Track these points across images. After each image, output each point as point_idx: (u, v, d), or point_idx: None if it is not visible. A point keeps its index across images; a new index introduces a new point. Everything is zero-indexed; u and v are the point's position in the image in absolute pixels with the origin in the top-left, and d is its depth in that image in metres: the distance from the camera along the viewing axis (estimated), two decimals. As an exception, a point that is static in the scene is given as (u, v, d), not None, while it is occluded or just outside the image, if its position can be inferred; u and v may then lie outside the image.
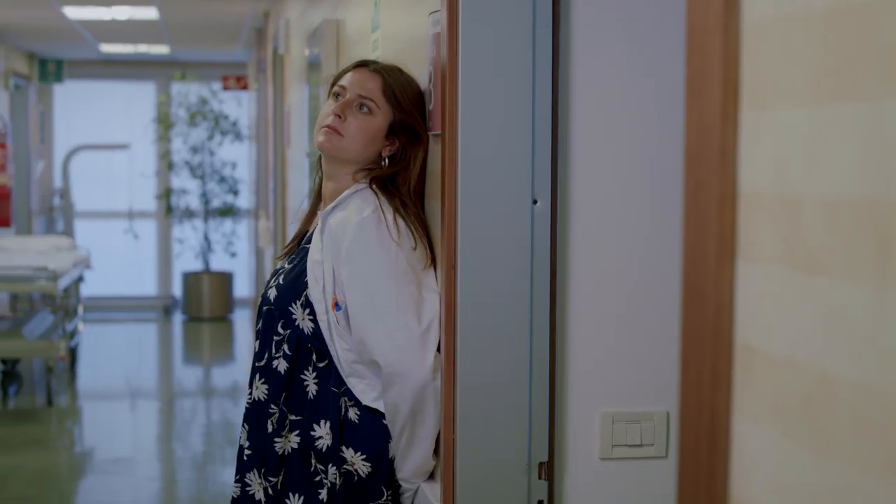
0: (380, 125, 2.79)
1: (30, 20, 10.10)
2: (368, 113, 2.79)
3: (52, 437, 8.10)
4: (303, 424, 2.78)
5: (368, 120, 2.79)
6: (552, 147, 2.53)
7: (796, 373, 1.16)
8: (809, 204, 1.14)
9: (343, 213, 2.73)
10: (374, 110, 2.79)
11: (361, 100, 2.79)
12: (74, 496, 6.72)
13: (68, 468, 7.27)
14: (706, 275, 1.29)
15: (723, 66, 1.26)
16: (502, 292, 2.54)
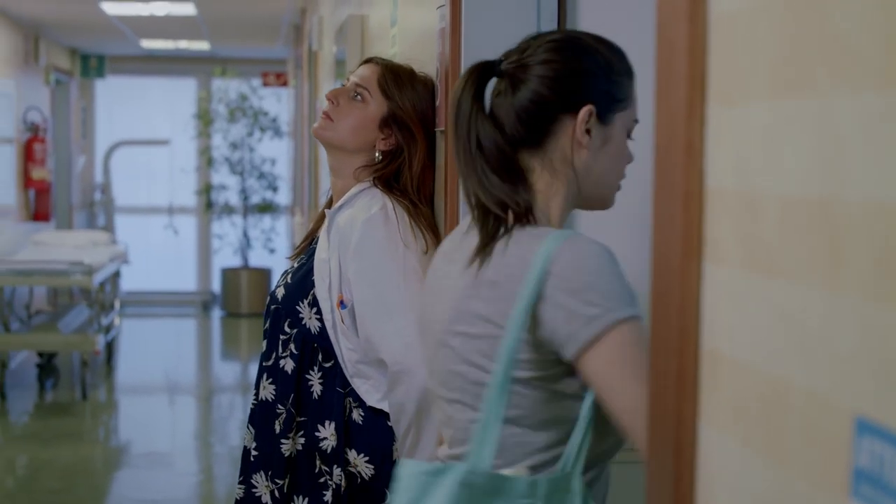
0: (371, 114, 2.77)
1: (70, 16, 10.16)
2: (361, 101, 2.78)
3: (86, 430, 8.13)
4: (307, 425, 2.75)
5: (359, 107, 2.78)
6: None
7: (755, 379, 1.11)
8: (767, 203, 1.09)
9: (350, 211, 2.71)
10: (366, 98, 2.78)
11: (356, 88, 2.79)
12: (108, 490, 6.74)
13: (102, 462, 7.29)
14: (672, 276, 1.25)
15: (689, 59, 1.21)
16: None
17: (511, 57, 1.84)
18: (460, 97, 1.81)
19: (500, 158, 1.80)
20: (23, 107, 10.05)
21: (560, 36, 1.88)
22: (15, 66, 9.85)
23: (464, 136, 1.80)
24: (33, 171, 10.11)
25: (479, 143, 1.79)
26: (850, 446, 0.94)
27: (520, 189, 1.78)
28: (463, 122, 1.80)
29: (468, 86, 1.82)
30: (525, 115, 1.81)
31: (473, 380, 1.79)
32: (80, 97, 13.13)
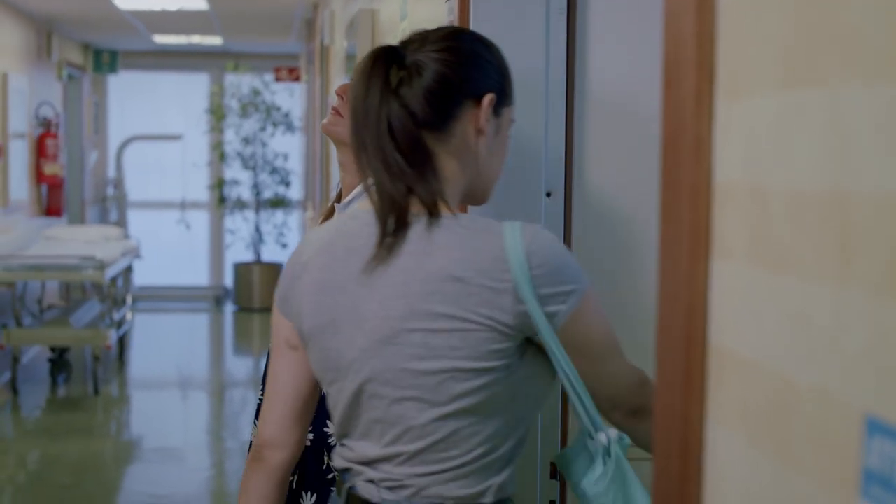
0: None
1: (83, 11, 10.15)
2: None
3: (97, 425, 8.13)
4: (316, 421, 2.73)
5: None
6: (566, 138, 2.45)
7: (762, 378, 1.09)
8: (775, 197, 1.06)
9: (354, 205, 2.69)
10: None
11: None
12: (119, 485, 6.73)
13: (113, 457, 7.28)
14: (679, 272, 1.22)
15: (696, 49, 1.19)
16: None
17: (412, 45, 1.86)
18: (369, 82, 1.80)
19: (410, 141, 1.80)
20: (35, 102, 10.05)
21: (458, 28, 1.96)
22: (27, 61, 9.85)
23: (374, 121, 1.79)
24: (45, 167, 10.11)
25: (390, 125, 1.79)
26: (859, 446, 0.92)
27: (429, 176, 1.81)
28: (373, 106, 1.79)
29: (377, 70, 1.81)
30: (431, 97, 1.82)
31: (438, 374, 1.78)
32: (92, 92, 13.13)
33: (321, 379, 1.93)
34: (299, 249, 1.94)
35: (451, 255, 1.77)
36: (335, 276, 1.85)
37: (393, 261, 1.79)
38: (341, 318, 1.84)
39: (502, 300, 1.75)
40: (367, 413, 1.86)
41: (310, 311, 1.87)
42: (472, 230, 1.79)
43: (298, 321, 1.90)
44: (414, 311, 1.77)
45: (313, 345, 1.89)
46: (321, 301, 1.86)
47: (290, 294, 1.91)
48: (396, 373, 1.80)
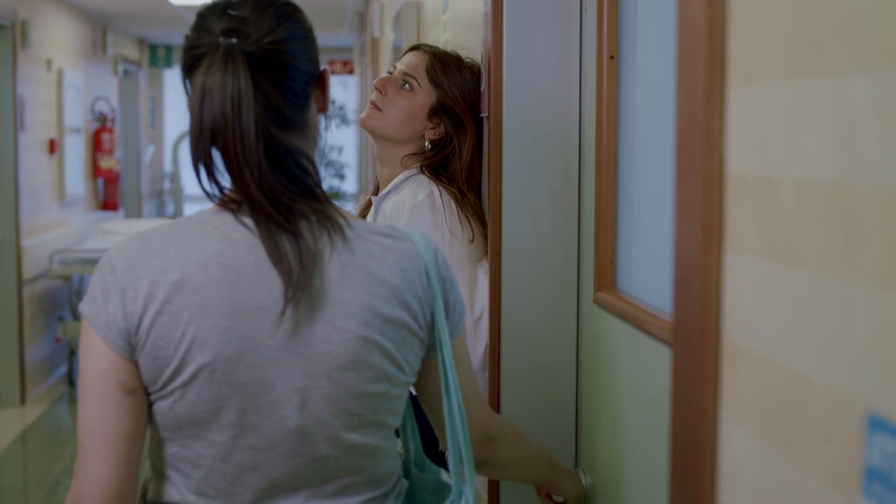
0: (420, 103, 2.73)
1: (137, 6, 10.23)
2: (410, 90, 2.74)
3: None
4: None
5: (409, 97, 2.74)
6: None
7: (774, 373, 1.07)
8: (785, 188, 1.04)
9: (397, 198, 2.68)
10: (415, 88, 2.74)
11: (405, 77, 2.75)
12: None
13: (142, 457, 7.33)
14: (693, 265, 1.20)
15: (707, 38, 1.16)
16: (548, 278, 2.46)
17: (250, 33, 1.61)
18: (241, 85, 1.56)
19: (276, 147, 1.60)
20: (91, 97, 10.14)
21: (281, 1, 1.67)
22: (83, 56, 9.94)
23: (249, 127, 1.56)
24: (101, 161, 10.20)
25: (258, 132, 1.58)
26: (862, 443, 0.90)
27: (310, 175, 1.64)
28: (247, 111, 1.56)
29: (243, 70, 1.57)
30: (293, 97, 1.64)
31: (394, 394, 1.68)
32: (148, 87, 13.24)
33: (199, 422, 1.60)
34: (146, 266, 1.59)
35: (387, 259, 1.65)
36: (250, 295, 1.58)
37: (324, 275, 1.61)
38: (266, 345, 1.58)
39: (425, 308, 1.68)
40: (312, 450, 1.64)
41: (211, 342, 1.56)
42: (385, 232, 1.69)
43: (167, 356, 1.57)
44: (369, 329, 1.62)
45: (209, 380, 1.57)
46: (232, 327, 1.57)
47: (145, 324, 1.57)
48: (349, 401, 1.63)
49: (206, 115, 1.57)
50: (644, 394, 1.99)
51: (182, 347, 1.56)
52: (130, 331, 1.57)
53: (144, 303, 1.57)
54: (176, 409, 1.59)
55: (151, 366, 1.58)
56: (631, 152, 2.21)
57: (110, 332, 1.58)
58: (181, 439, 1.61)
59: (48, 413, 7.86)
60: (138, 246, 1.61)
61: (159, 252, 1.59)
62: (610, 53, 2.23)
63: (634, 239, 2.19)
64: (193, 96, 1.59)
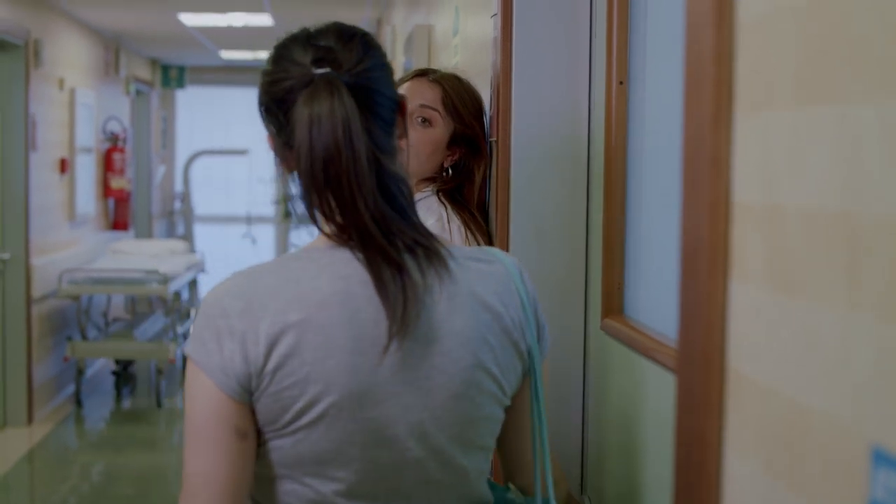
0: (441, 136, 2.67)
1: (150, 27, 10.27)
2: (429, 125, 2.67)
3: (160, 438, 8.18)
4: None
5: (430, 133, 2.67)
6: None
7: (777, 403, 1.06)
8: (790, 217, 1.03)
9: None
10: (435, 121, 2.67)
11: (422, 111, 2.68)
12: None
13: (176, 470, 7.32)
14: (699, 293, 1.19)
15: (716, 64, 1.16)
16: (555, 303, 2.45)
17: (342, 62, 1.61)
18: (348, 112, 1.56)
19: (384, 174, 1.60)
20: (103, 117, 10.17)
21: (361, 30, 1.69)
22: (95, 76, 9.98)
23: (361, 154, 1.56)
24: (112, 181, 10.22)
25: (369, 159, 1.57)
26: (866, 477, 0.88)
27: (410, 203, 1.63)
28: (358, 137, 1.56)
29: (348, 97, 1.57)
30: (384, 124, 1.64)
31: (498, 416, 1.68)
32: (160, 107, 13.27)
33: (322, 460, 1.59)
34: (264, 309, 1.56)
35: (490, 286, 1.65)
36: (368, 332, 1.56)
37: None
38: (387, 380, 1.57)
39: (522, 330, 1.68)
40: (426, 475, 1.63)
41: (338, 380, 1.55)
42: (471, 253, 1.68)
43: (292, 396, 1.56)
44: (480, 356, 1.62)
45: (336, 418, 1.56)
46: (355, 364, 1.56)
47: (270, 366, 1.56)
48: (462, 427, 1.62)
49: (318, 145, 1.55)
50: (651, 422, 1.98)
51: (309, 387, 1.55)
52: (252, 374, 1.55)
53: (268, 345, 1.54)
54: (299, 448, 1.58)
55: (273, 406, 1.56)
56: (640, 178, 2.21)
57: (226, 377, 1.55)
58: (301, 477, 1.60)
59: (55, 432, 7.86)
60: (249, 288, 1.58)
61: (274, 293, 1.57)
62: (619, 79, 2.23)
63: (643, 264, 2.18)
64: (300, 128, 1.57)
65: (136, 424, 8.36)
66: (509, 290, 1.67)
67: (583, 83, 2.43)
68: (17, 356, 7.76)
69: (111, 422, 8.53)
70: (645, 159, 2.18)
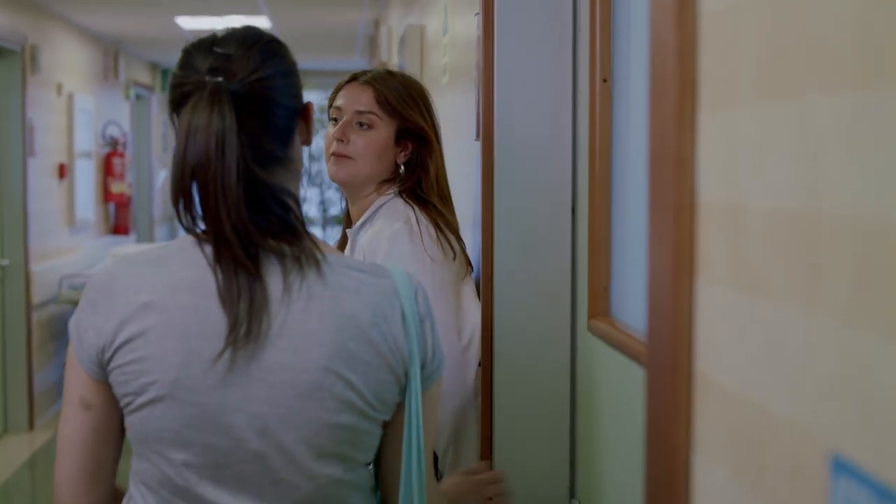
0: (385, 137, 2.64)
1: (148, 31, 10.24)
2: (369, 128, 2.64)
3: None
4: None
5: (372, 135, 2.64)
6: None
7: (742, 407, 1.02)
8: (751, 216, 1.00)
9: (373, 229, 2.62)
10: (374, 124, 2.64)
11: (359, 116, 2.64)
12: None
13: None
14: (665, 294, 1.16)
15: (679, 61, 1.13)
16: (542, 305, 2.42)
17: (236, 71, 1.63)
18: (225, 125, 1.58)
19: (257, 186, 1.61)
20: (102, 122, 10.15)
21: (267, 36, 1.71)
22: (94, 81, 9.96)
23: (231, 168, 1.57)
24: (112, 185, 10.20)
25: (239, 172, 1.59)
26: (827, 485, 0.85)
27: (291, 211, 1.65)
28: (230, 151, 1.57)
29: (228, 109, 1.59)
30: (277, 133, 1.66)
31: (361, 428, 1.66)
32: (160, 111, 13.25)
33: (162, 439, 1.63)
34: (121, 286, 1.63)
35: (360, 293, 1.65)
36: (215, 320, 1.60)
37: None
38: (225, 369, 1.60)
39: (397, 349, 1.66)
40: (272, 474, 1.64)
41: (174, 361, 1.60)
42: (363, 272, 1.68)
43: (136, 372, 1.61)
44: (339, 355, 1.61)
45: (173, 399, 1.61)
46: (196, 349, 1.59)
47: (118, 341, 1.62)
48: (314, 429, 1.63)
49: (191, 154, 1.59)
50: (639, 423, 1.95)
51: (149, 366, 1.61)
52: (104, 347, 1.63)
53: (119, 322, 1.62)
54: (145, 425, 1.63)
55: (120, 382, 1.64)
56: (625, 176, 2.18)
57: (82, 348, 1.66)
58: (148, 454, 1.65)
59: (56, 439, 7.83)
60: (119, 269, 1.67)
61: (137, 276, 1.65)
62: (603, 76, 2.20)
63: (628, 265, 2.15)
64: (179, 134, 1.62)
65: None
66: (390, 305, 1.66)
67: (566, 81, 2.40)
68: (18, 362, 7.74)
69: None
70: (630, 158, 2.15)
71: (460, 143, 3.18)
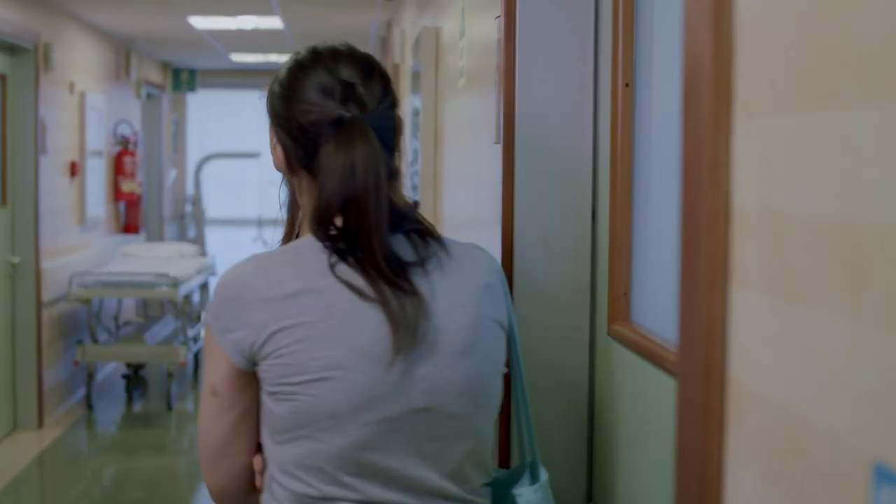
0: None
1: (161, 30, 10.26)
2: None
3: (171, 441, 8.17)
4: None
5: None
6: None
7: (778, 415, 1.03)
8: (790, 224, 1.00)
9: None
10: None
11: None
12: (192, 500, 6.75)
13: (187, 473, 7.31)
14: (698, 302, 1.16)
15: (714, 67, 1.13)
16: (561, 309, 2.42)
17: (367, 103, 1.79)
18: (378, 162, 1.74)
19: (390, 208, 1.79)
20: (113, 120, 10.17)
21: (373, 59, 1.90)
22: (106, 80, 9.97)
23: (384, 203, 1.74)
24: (123, 184, 10.22)
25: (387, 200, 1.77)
26: (868, 495, 0.85)
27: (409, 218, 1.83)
28: (384, 187, 1.75)
29: (375, 143, 1.76)
30: (394, 152, 1.84)
31: (497, 381, 1.85)
32: (171, 110, 13.27)
33: (336, 414, 1.72)
34: (262, 281, 1.75)
35: (478, 265, 1.86)
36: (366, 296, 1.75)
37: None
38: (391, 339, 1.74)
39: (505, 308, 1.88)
40: (434, 431, 1.77)
41: (339, 336, 1.72)
42: (459, 245, 1.88)
43: (301, 353, 1.72)
44: (478, 321, 1.80)
45: (344, 374, 1.71)
46: (355, 321, 1.73)
47: (269, 329, 1.72)
48: (471, 383, 1.79)
49: (349, 189, 1.72)
50: (659, 428, 1.95)
51: (314, 344, 1.70)
52: (256, 341, 1.72)
53: (274, 312, 1.71)
54: (313, 404, 1.71)
55: (278, 368, 1.72)
56: (646, 182, 2.18)
57: (234, 348, 1.75)
58: (313, 434, 1.73)
59: (65, 436, 7.85)
60: (259, 264, 1.77)
61: (280, 268, 1.75)
62: (625, 81, 2.20)
63: (649, 270, 2.15)
64: (333, 171, 1.73)
65: (147, 428, 8.35)
66: (495, 273, 1.88)
67: (587, 86, 2.40)
68: (28, 360, 7.75)
69: (122, 425, 8.52)
70: (652, 163, 2.15)
71: (479, 146, 3.18)
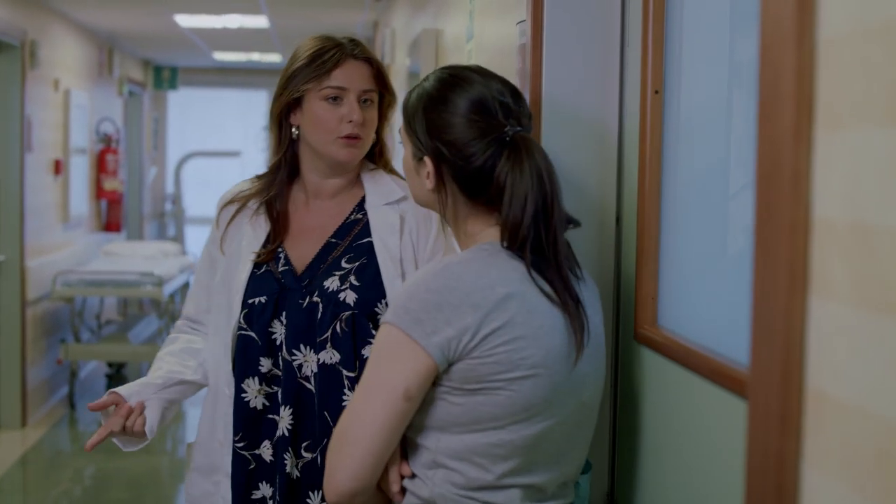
0: (375, 112, 2.60)
1: (144, 28, 10.23)
2: (371, 104, 2.58)
3: (153, 441, 8.07)
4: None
5: (373, 112, 2.58)
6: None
7: (866, 423, 1.05)
8: (882, 236, 1.02)
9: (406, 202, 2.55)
10: (373, 100, 2.58)
11: (365, 94, 2.56)
12: (174, 500, 6.74)
13: (169, 472, 7.30)
14: (776, 311, 1.18)
15: (796, 82, 1.15)
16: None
17: (523, 122, 2.01)
18: (551, 166, 1.97)
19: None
20: (96, 118, 10.13)
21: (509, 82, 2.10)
22: (89, 77, 9.93)
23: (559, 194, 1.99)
24: (105, 182, 10.18)
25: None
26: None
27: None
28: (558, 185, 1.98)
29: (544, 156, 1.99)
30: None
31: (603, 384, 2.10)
32: (152, 108, 13.23)
33: (530, 407, 1.89)
34: (470, 284, 1.88)
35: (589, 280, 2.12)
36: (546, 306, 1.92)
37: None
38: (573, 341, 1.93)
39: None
40: (585, 422, 2.02)
41: (542, 341, 1.88)
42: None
43: (509, 353, 1.86)
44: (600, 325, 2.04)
45: (543, 372, 1.89)
46: (550, 326, 1.90)
47: (480, 330, 1.86)
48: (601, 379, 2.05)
49: (541, 196, 1.93)
50: (687, 432, 1.97)
51: (522, 344, 1.86)
52: (462, 340, 1.85)
53: (482, 314, 1.85)
54: (514, 399, 1.86)
55: (484, 365, 1.86)
56: (673, 188, 2.20)
57: (438, 348, 1.86)
58: (506, 425, 1.88)
59: (49, 435, 7.82)
60: (459, 270, 1.90)
61: (480, 274, 1.89)
62: (654, 88, 2.22)
63: (677, 275, 2.17)
64: (523, 179, 1.92)
65: (130, 427, 8.31)
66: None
67: (613, 92, 2.42)
68: (12, 359, 7.71)
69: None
70: (680, 169, 2.17)
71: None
